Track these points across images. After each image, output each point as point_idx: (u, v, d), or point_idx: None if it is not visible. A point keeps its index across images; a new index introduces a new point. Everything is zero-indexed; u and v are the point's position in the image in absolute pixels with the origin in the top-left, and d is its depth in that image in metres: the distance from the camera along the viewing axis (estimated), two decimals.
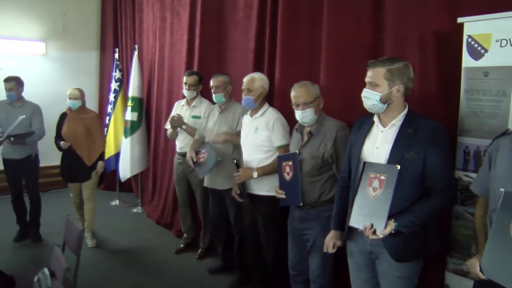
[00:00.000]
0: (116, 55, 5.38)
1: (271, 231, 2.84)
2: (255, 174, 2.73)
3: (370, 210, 1.78)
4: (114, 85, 5.31)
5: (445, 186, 1.79)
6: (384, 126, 1.89)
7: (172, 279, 3.40)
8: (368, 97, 1.87)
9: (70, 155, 3.81)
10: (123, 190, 5.64)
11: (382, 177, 1.76)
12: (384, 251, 1.86)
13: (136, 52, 5.09)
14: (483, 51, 1.94)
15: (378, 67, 1.84)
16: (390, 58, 1.89)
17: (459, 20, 2.01)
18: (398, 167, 1.72)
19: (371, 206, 1.78)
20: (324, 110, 2.46)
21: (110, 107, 5.38)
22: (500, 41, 1.87)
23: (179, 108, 3.82)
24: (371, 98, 1.85)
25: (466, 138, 2.02)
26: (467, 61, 2.01)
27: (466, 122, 2.02)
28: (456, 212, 2.06)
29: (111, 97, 5.35)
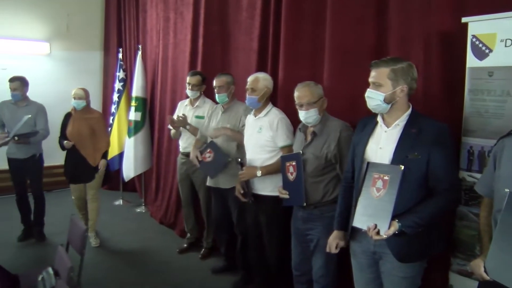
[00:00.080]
0: (120, 55, 5.39)
1: (274, 231, 2.84)
2: (259, 173, 2.73)
3: (374, 211, 1.77)
4: (117, 85, 5.33)
5: (449, 186, 1.78)
6: (388, 126, 1.89)
7: (175, 279, 3.41)
8: (371, 97, 1.86)
9: (75, 155, 3.82)
10: (126, 189, 5.66)
11: (386, 177, 1.76)
12: (387, 252, 1.85)
13: (139, 52, 5.10)
14: (487, 51, 1.93)
15: (382, 67, 1.83)
16: (394, 58, 1.89)
17: (464, 20, 2.00)
18: (402, 167, 1.71)
19: (375, 207, 1.77)
20: (328, 110, 2.46)
21: (113, 107, 5.40)
22: (505, 41, 1.86)
23: (183, 108, 3.82)
24: (374, 98, 1.85)
25: (470, 139, 2.01)
26: (471, 61, 2.00)
27: (471, 122, 2.01)
28: (460, 212, 2.05)
29: (115, 97, 5.37)
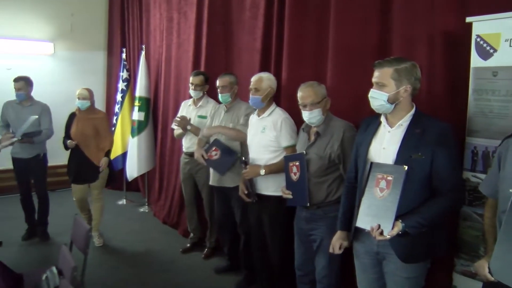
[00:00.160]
0: (124, 55, 5.41)
1: (277, 231, 2.84)
2: (262, 172, 2.73)
3: (377, 211, 1.77)
4: (121, 85, 5.34)
5: (452, 187, 1.78)
6: (391, 126, 1.88)
7: (178, 279, 3.42)
8: (375, 97, 1.86)
9: (79, 155, 3.82)
10: (130, 189, 5.67)
11: (389, 177, 1.75)
12: (391, 252, 1.85)
13: (143, 52, 5.11)
14: (492, 51, 1.92)
15: (385, 67, 1.83)
16: (397, 58, 1.88)
17: (468, 19, 2.00)
18: (406, 167, 1.71)
19: (378, 207, 1.77)
20: (331, 110, 2.46)
21: (117, 107, 5.41)
22: (510, 40, 1.85)
23: (186, 108, 3.83)
24: (378, 98, 1.84)
25: (474, 139, 2.00)
26: (475, 61, 1.99)
27: (475, 122, 2.01)
28: (464, 213, 2.04)
29: (118, 97, 5.38)
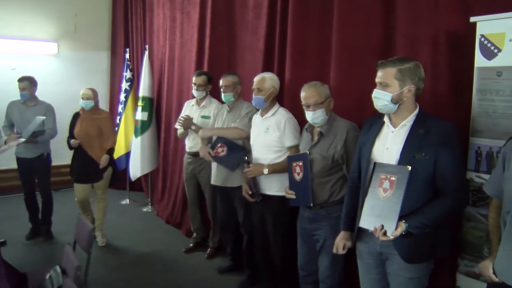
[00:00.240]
0: (127, 55, 5.42)
1: (280, 231, 2.84)
2: (265, 171, 2.73)
3: (381, 211, 1.76)
4: (124, 85, 5.35)
5: (456, 187, 1.77)
6: (395, 126, 1.88)
7: (181, 278, 3.42)
8: (379, 97, 1.85)
9: (82, 155, 3.82)
10: (133, 189, 5.69)
11: (393, 178, 1.75)
12: (394, 252, 1.84)
13: (146, 52, 5.12)
14: (496, 51, 1.92)
15: (389, 67, 1.82)
16: (401, 58, 1.87)
17: (472, 19, 1.99)
18: (409, 168, 1.70)
19: (382, 207, 1.76)
20: (335, 110, 2.45)
21: (120, 107, 5.42)
22: None
23: (189, 108, 3.83)
24: (382, 98, 1.84)
25: (478, 139, 1.99)
26: (479, 61, 1.98)
27: (479, 122, 2.00)
28: (468, 213, 2.04)
29: (122, 96, 5.39)
